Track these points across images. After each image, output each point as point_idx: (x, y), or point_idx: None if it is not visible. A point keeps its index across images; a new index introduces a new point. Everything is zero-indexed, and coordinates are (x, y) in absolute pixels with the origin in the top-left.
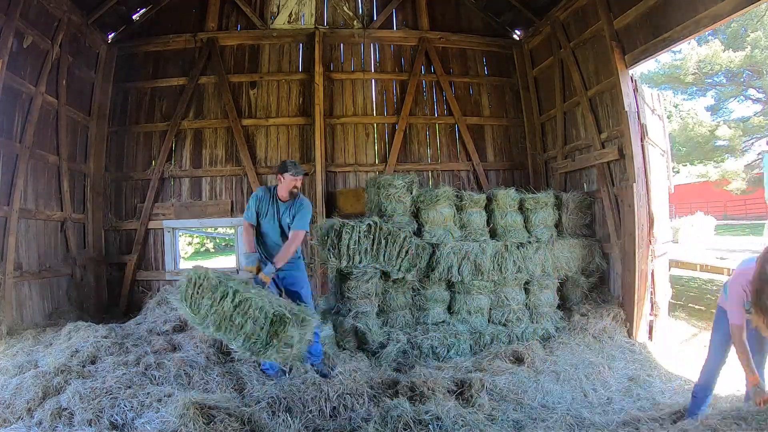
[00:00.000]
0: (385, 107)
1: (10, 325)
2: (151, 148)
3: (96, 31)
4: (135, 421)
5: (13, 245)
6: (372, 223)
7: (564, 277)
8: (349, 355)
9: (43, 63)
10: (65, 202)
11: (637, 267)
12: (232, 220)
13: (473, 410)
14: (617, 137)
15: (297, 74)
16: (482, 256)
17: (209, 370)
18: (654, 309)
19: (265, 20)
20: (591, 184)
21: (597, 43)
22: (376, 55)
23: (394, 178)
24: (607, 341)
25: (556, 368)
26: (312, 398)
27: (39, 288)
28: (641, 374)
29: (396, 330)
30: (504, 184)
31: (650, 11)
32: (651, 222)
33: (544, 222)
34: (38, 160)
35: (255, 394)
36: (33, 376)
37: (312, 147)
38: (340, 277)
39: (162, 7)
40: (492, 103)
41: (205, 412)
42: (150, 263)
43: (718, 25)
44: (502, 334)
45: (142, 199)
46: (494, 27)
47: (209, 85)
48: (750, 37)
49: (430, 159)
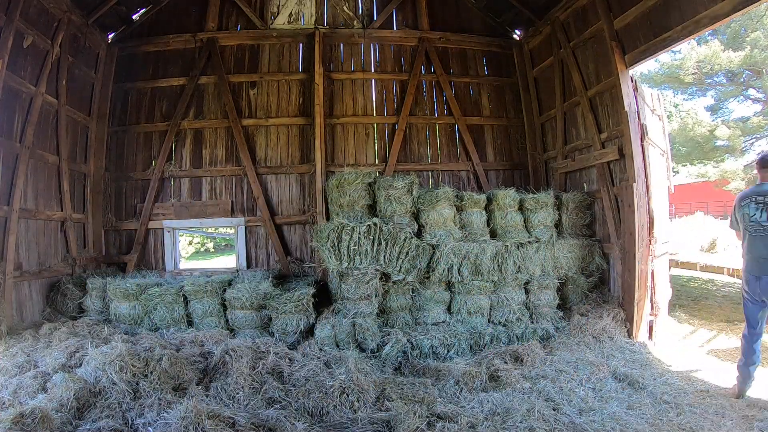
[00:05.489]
0: (385, 107)
1: (10, 325)
2: (151, 148)
3: (96, 31)
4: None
5: (13, 245)
6: (372, 225)
7: (564, 277)
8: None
9: (43, 63)
10: (65, 202)
11: (637, 267)
12: (232, 220)
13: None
14: (617, 137)
15: (297, 74)
16: (482, 256)
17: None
18: (654, 309)
19: (265, 20)
20: (591, 184)
21: (597, 43)
22: (376, 55)
23: (394, 179)
24: (607, 341)
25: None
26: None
27: (39, 288)
28: (641, 374)
29: (396, 330)
30: (504, 184)
31: (650, 11)
32: (651, 222)
33: (544, 222)
34: (38, 160)
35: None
36: (32, 376)
37: (312, 147)
38: (340, 278)
39: (162, 7)
40: (492, 103)
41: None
42: (150, 263)
43: (718, 25)
44: (502, 334)
45: (142, 199)
46: (494, 27)
47: (209, 85)
48: (750, 37)
49: (430, 159)
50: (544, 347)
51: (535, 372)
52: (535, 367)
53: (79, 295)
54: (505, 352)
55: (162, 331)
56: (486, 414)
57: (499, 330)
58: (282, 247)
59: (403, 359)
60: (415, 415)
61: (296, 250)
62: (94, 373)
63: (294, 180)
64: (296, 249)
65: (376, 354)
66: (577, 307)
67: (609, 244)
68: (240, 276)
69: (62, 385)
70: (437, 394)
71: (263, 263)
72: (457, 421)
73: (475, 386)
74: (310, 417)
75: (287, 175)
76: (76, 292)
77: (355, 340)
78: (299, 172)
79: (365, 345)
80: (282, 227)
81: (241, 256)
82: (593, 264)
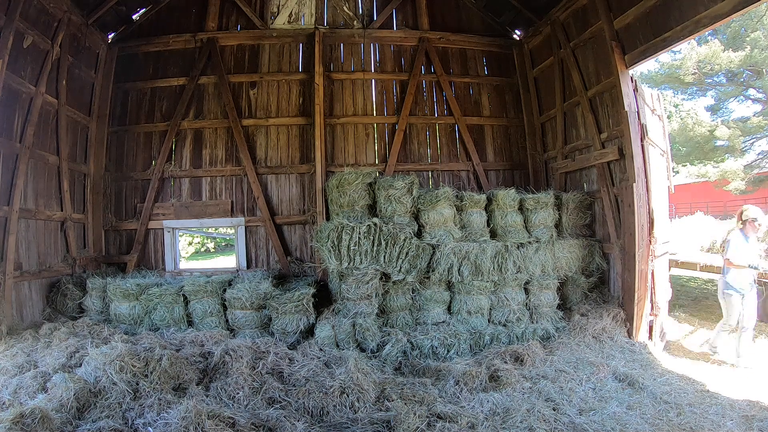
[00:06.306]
0: (385, 107)
1: (10, 325)
2: (151, 148)
3: (96, 31)
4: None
5: (13, 245)
6: (372, 225)
7: (564, 277)
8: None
9: (43, 63)
10: (65, 202)
11: (637, 267)
12: (232, 220)
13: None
14: (617, 137)
15: (297, 74)
16: (482, 256)
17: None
18: (654, 309)
19: (265, 20)
20: (591, 184)
21: (597, 43)
22: (376, 55)
23: (395, 179)
24: (607, 341)
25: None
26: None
27: (39, 288)
28: (641, 374)
29: (396, 330)
30: (504, 184)
31: (650, 11)
32: (651, 222)
33: (544, 222)
34: (38, 160)
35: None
36: (32, 376)
37: (312, 147)
38: (340, 278)
39: (162, 7)
40: (492, 103)
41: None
42: (150, 263)
43: (718, 25)
44: (502, 335)
45: (142, 199)
46: (494, 27)
47: (209, 85)
48: (750, 37)
49: (430, 159)
50: (544, 347)
51: (535, 372)
52: (535, 367)
53: (79, 295)
54: (505, 352)
55: (162, 331)
56: (486, 414)
57: (499, 330)
58: (282, 247)
59: (403, 359)
60: (415, 415)
61: (296, 250)
62: (94, 373)
63: (294, 180)
64: (296, 249)
65: (376, 354)
66: (577, 307)
67: (609, 244)
68: (240, 276)
69: (62, 385)
70: (437, 394)
71: (263, 263)
72: (457, 421)
73: (475, 386)
74: (310, 417)
75: (287, 175)
76: (76, 292)
77: (355, 340)
78: (299, 172)
79: (365, 345)
80: (282, 227)
81: (241, 256)
82: (593, 264)
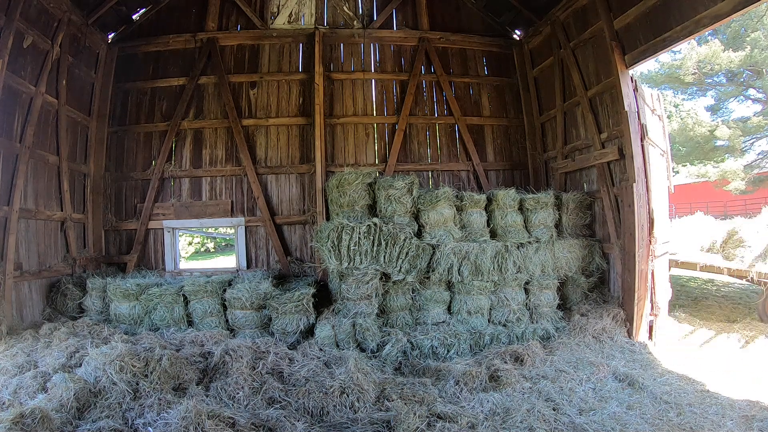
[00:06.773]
0: (385, 107)
1: (10, 325)
2: (151, 148)
3: (96, 31)
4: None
5: (13, 245)
6: (372, 225)
7: (564, 277)
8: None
9: (43, 63)
10: (65, 202)
11: (637, 267)
12: (232, 220)
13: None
14: (617, 137)
15: (297, 74)
16: (482, 256)
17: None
18: (654, 309)
19: (265, 20)
20: (591, 184)
21: (597, 43)
22: (376, 55)
23: (395, 179)
24: (607, 341)
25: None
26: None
27: (39, 288)
28: (641, 374)
29: (396, 330)
30: (504, 184)
31: (650, 11)
32: (651, 222)
33: (544, 222)
34: (38, 160)
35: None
36: (32, 376)
37: (312, 147)
38: (340, 278)
39: (162, 7)
40: (492, 103)
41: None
42: (150, 263)
43: (718, 25)
44: (502, 335)
45: (142, 199)
46: (494, 27)
47: (209, 85)
48: (750, 37)
49: (430, 159)
50: (544, 347)
51: (535, 372)
52: (535, 367)
53: (79, 295)
54: (505, 352)
55: (162, 331)
56: (486, 414)
57: (499, 330)
58: (282, 247)
59: (403, 359)
60: (415, 415)
61: (296, 250)
62: (94, 373)
63: (294, 180)
64: (296, 249)
65: (376, 354)
66: (577, 307)
67: (609, 244)
68: (240, 276)
69: (62, 385)
70: (437, 394)
71: (263, 263)
72: (457, 421)
73: (475, 386)
74: (310, 417)
75: (287, 175)
76: (76, 292)
77: (355, 340)
78: (299, 172)
79: (365, 345)
80: (282, 227)
81: (241, 256)
82: (593, 264)
